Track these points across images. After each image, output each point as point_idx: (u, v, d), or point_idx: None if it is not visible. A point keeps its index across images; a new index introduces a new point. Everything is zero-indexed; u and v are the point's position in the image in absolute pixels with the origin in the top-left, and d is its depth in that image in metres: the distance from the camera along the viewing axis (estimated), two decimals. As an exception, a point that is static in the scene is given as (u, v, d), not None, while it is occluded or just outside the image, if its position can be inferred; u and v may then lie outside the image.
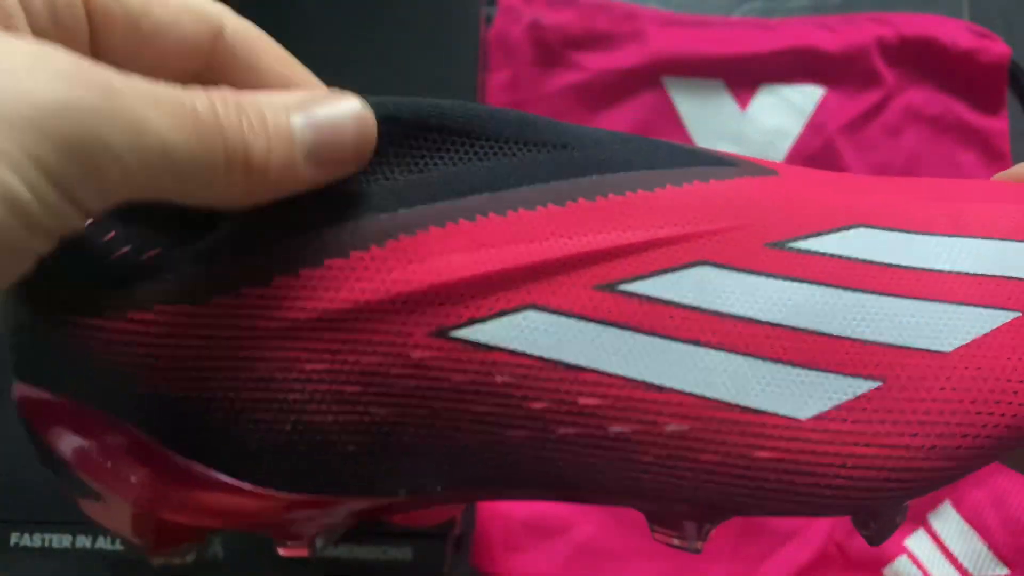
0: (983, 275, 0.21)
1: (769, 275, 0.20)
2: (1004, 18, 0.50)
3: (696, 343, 0.20)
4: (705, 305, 0.20)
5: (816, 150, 0.48)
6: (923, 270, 0.21)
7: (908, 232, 0.21)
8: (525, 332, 0.20)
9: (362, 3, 0.45)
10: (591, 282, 0.20)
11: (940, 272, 0.21)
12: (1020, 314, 0.20)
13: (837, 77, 0.48)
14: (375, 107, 0.20)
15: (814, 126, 0.48)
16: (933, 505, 0.43)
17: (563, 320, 0.20)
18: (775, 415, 0.20)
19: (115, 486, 0.21)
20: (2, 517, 0.37)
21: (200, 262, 0.19)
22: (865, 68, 0.48)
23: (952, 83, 0.48)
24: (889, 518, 0.21)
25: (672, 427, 0.20)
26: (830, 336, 0.20)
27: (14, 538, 0.36)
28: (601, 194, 0.20)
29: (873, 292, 0.20)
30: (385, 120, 0.20)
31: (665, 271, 0.20)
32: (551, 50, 0.48)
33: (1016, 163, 0.49)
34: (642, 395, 0.20)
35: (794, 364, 0.20)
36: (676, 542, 0.22)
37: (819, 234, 0.21)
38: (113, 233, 0.20)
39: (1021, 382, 0.20)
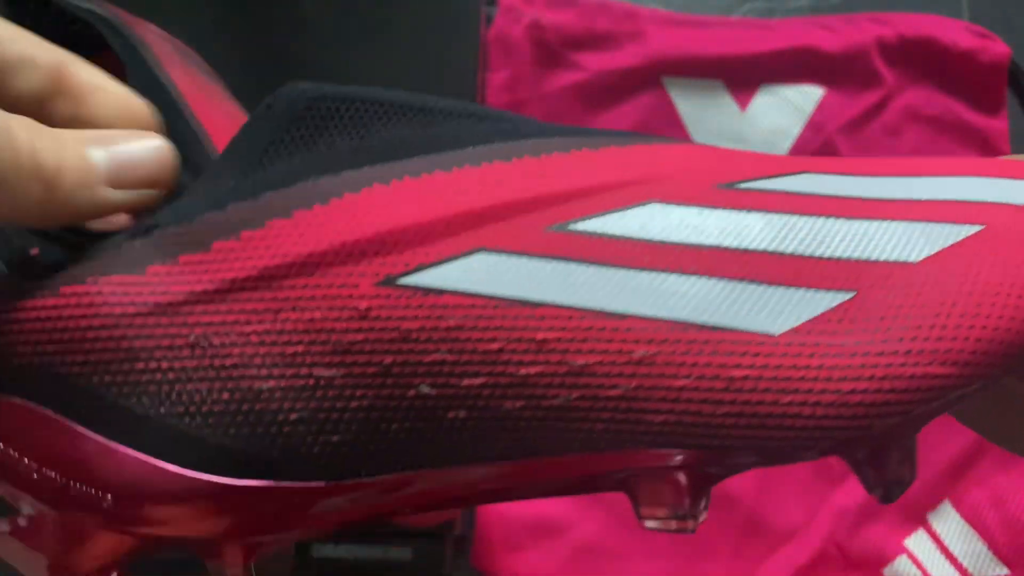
0: (942, 200, 0.20)
1: (724, 208, 0.20)
2: (1004, 18, 0.50)
3: (655, 270, 0.19)
4: (662, 237, 0.19)
5: (816, 150, 0.48)
6: (879, 199, 0.20)
7: (858, 176, 0.21)
8: (476, 273, 0.19)
9: (362, 3, 0.45)
10: (542, 224, 0.19)
11: (897, 200, 0.20)
12: (984, 227, 0.19)
13: (837, 77, 0.48)
14: (307, 90, 0.20)
15: (814, 126, 0.48)
16: (933, 505, 0.43)
17: (515, 259, 0.19)
18: (746, 331, 0.19)
19: (43, 495, 0.20)
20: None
21: (136, 236, 0.19)
22: (865, 68, 0.48)
23: (952, 83, 0.48)
24: (894, 459, 0.20)
25: (639, 353, 0.19)
26: (794, 255, 0.19)
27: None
28: (546, 152, 0.20)
29: (832, 216, 0.20)
30: (321, 98, 0.20)
31: (617, 210, 0.20)
32: (551, 50, 0.48)
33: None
34: (603, 323, 0.19)
35: (759, 282, 0.19)
36: (671, 523, 0.20)
37: (768, 177, 0.21)
38: None
39: (1001, 284, 0.19)
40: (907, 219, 0.20)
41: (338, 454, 0.19)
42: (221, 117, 0.23)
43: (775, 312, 0.19)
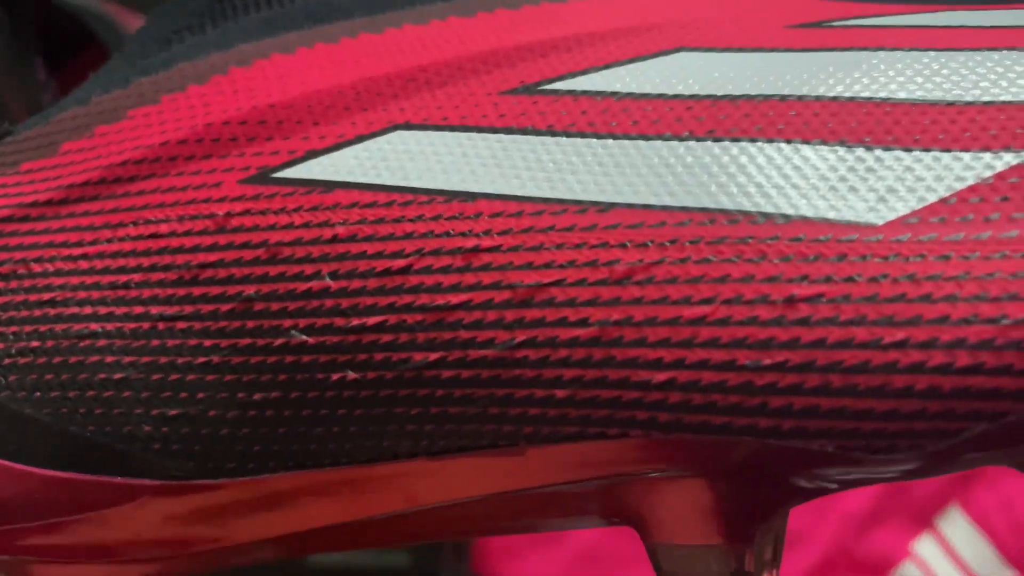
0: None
1: (804, 50, 0.13)
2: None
3: (676, 137, 0.12)
4: (696, 91, 0.13)
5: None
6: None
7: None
8: (387, 158, 0.13)
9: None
10: (500, 85, 0.14)
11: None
12: None
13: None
14: None
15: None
16: (940, 508, 0.43)
17: (448, 136, 0.13)
18: (826, 222, 0.11)
19: None
20: None
21: None
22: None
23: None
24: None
25: (626, 263, 0.12)
26: (950, 104, 0.12)
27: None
28: (531, 2, 0.15)
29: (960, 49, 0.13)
30: None
31: (627, 61, 0.13)
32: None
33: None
34: (571, 220, 0.12)
35: (849, 144, 0.12)
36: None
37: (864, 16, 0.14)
38: None
39: None
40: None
41: (177, 436, 0.14)
42: None
43: (879, 191, 0.11)
